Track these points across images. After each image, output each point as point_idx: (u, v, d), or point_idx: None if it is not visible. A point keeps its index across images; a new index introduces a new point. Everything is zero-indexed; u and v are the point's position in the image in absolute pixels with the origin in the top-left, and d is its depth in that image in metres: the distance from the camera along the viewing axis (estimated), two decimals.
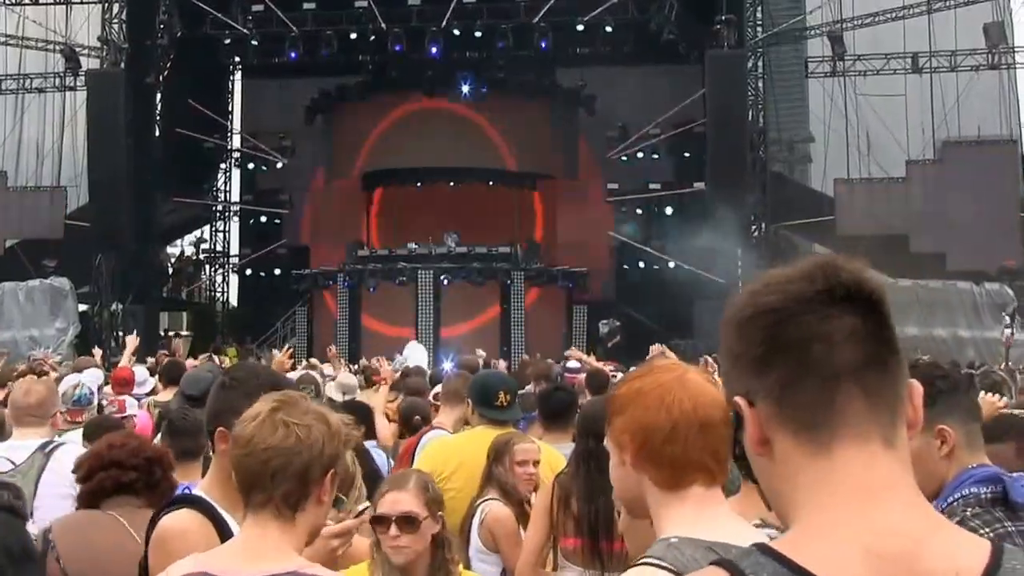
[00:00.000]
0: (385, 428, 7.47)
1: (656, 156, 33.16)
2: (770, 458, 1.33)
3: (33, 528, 3.42)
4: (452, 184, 32.46)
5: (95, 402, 6.85)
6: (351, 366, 18.89)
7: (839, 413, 1.28)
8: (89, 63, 30.02)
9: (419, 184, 32.60)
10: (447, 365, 12.27)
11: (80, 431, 5.88)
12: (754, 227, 29.49)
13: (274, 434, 2.39)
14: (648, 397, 2.04)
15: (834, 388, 1.29)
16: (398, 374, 10.22)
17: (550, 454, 5.15)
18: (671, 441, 2.00)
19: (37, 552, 3.14)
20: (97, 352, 13.12)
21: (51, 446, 5.08)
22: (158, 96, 31.28)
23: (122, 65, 28.41)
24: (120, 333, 28.18)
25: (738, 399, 1.36)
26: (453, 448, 5.35)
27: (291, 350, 7.10)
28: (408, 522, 3.49)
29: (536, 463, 4.80)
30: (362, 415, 6.45)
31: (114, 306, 29.06)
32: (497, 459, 4.78)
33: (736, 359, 1.38)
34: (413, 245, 29.23)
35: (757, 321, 1.35)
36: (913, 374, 1.36)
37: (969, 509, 2.60)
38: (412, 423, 7.07)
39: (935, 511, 1.31)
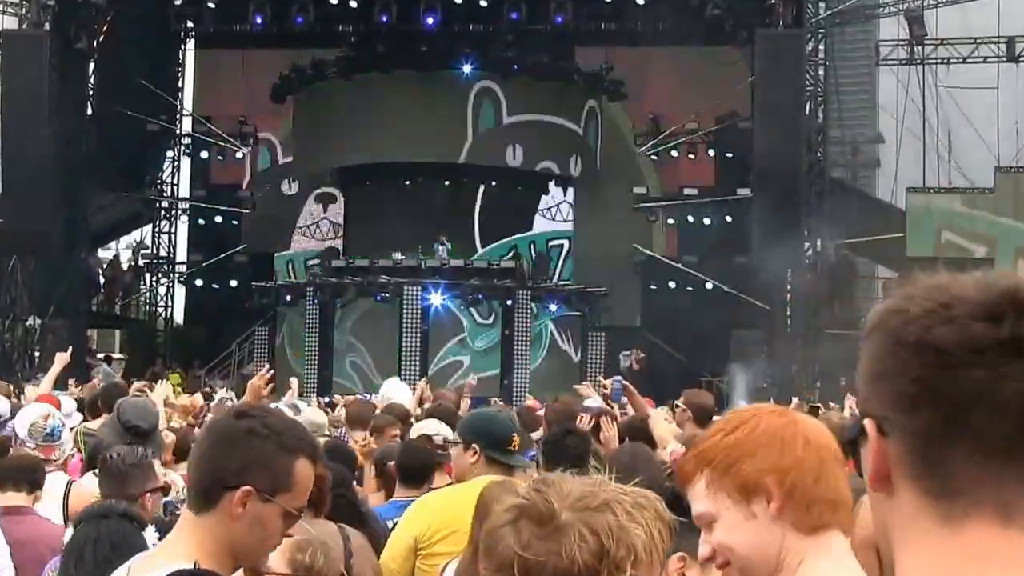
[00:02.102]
0: (372, 479, 7.50)
1: (693, 156, 33.38)
2: (887, 496, 1.36)
3: None
4: (446, 183, 32.52)
5: (66, 437, 6.75)
6: (320, 399, 19.04)
7: (986, 489, 1.28)
8: (4, 22, 30.05)
9: (407, 182, 32.62)
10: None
11: (61, 474, 5.98)
12: (808, 244, 29.68)
13: (583, 546, 1.98)
14: (785, 435, 2.19)
15: (989, 463, 1.28)
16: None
17: None
18: (822, 479, 2.17)
19: None
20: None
21: None
22: (91, 66, 31.24)
23: (46, 26, 28.08)
24: (37, 353, 28.28)
25: (869, 422, 1.37)
26: (453, 504, 5.30)
27: (271, 373, 6.92)
28: None
29: None
30: (347, 461, 6.47)
31: (31, 320, 28.98)
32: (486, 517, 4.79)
33: (879, 377, 1.36)
34: (398, 255, 29.37)
35: (921, 354, 1.31)
36: None
37: None
38: (386, 471, 7.11)
39: None
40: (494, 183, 32.72)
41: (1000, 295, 1.30)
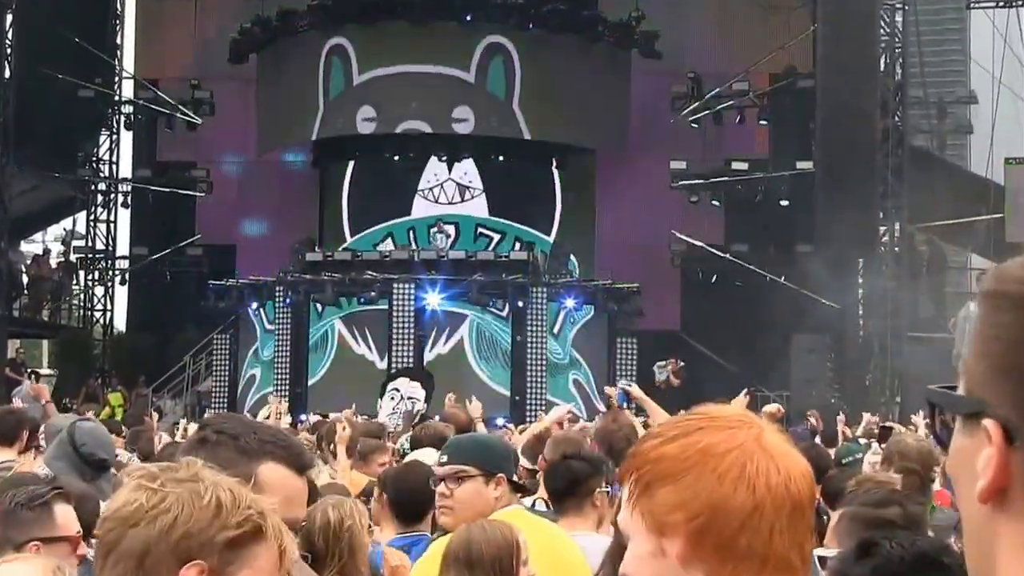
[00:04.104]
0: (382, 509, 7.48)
1: (742, 121, 33.29)
2: (997, 510, 1.36)
3: None
4: (444, 159, 32.37)
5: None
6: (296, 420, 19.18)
7: None
8: None
9: (396, 158, 32.29)
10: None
11: None
12: (884, 228, 29.69)
13: (117, 499, 2.43)
14: (720, 461, 2.03)
15: None
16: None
17: (557, 544, 5.33)
18: (749, 529, 2.00)
19: None
20: None
21: None
22: (9, 18, 31.29)
23: None
24: None
25: (992, 424, 1.36)
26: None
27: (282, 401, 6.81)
28: None
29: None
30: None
31: None
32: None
33: (1011, 371, 1.35)
34: (388, 246, 29.38)
35: None
36: None
37: None
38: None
39: None
40: (502, 158, 32.97)
41: None
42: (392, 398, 22.83)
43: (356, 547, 5.46)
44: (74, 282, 37.07)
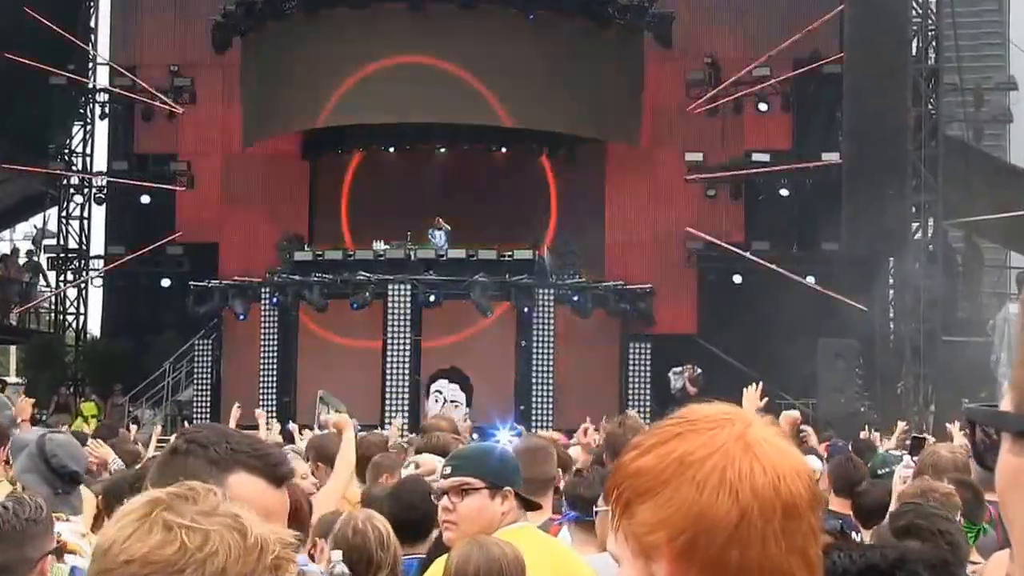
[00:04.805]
0: None
1: (765, 109, 33.22)
2: None
3: None
4: (442, 151, 32.45)
5: None
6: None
7: None
8: None
9: (391, 150, 32.35)
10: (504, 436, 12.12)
11: None
12: (916, 225, 29.56)
13: (147, 539, 2.26)
14: (699, 469, 1.96)
15: None
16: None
17: (567, 564, 5.37)
18: (738, 541, 1.94)
19: None
20: None
21: None
22: None
23: None
24: None
25: None
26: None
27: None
28: None
29: None
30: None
31: None
32: None
33: None
34: (381, 245, 29.47)
35: None
36: None
37: None
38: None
39: None
40: (504, 149, 33.23)
41: None
42: (436, 400, 22.90)
43: (398, 558, 5.71)
44: (45, 284, 37.00)
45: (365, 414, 20.97)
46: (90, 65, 36.47)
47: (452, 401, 22.35)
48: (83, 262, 36.76)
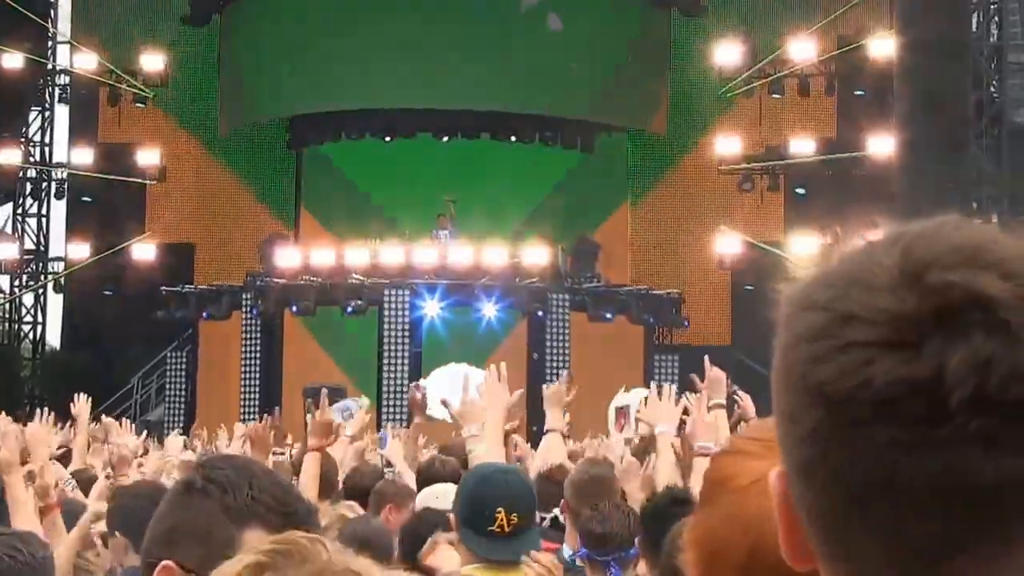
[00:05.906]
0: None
1: (805, 96, 33.45)
2: None
3: None
4: (445, 139, 32.50)
5: None
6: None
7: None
8: None
9: (388, 138, 32.36)
10: None
11: None
12: (978, 220, 27.80)
13: None
14: (739, 492, 2.11)
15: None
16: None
17: None
18: (750, 571, 2.07)
19: None
20: None
21: None
22: None
23: None
24: None
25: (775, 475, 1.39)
26: None
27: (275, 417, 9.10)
28: None
29: None
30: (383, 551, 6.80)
31: None
32: None
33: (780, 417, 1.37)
34: (377, 243, 29.55)
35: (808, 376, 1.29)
36: None
37: None
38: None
39: None
40: (515, 138, 33.05)
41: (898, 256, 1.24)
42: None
43: None
44: None
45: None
46: (49, 43, 36.74)
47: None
48: (41, 264, 37.15)
